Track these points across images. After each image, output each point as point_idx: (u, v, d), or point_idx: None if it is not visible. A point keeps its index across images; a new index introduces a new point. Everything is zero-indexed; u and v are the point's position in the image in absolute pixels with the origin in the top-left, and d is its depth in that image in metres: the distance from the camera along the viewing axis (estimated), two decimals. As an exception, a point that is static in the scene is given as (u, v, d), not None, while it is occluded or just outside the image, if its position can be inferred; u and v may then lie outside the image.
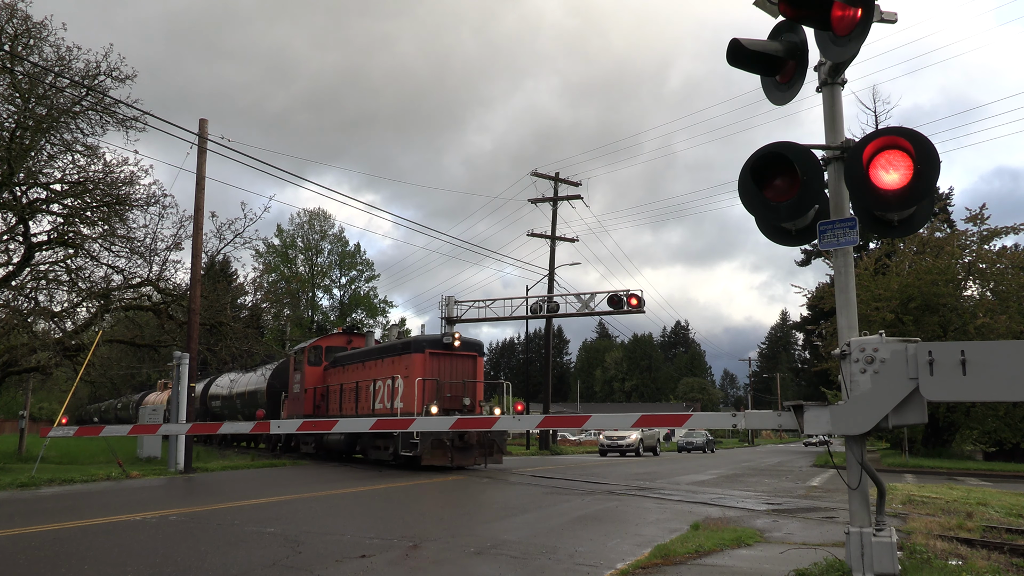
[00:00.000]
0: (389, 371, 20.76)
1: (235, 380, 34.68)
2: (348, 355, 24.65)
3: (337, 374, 24.80)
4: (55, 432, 9.75)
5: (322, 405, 25.39)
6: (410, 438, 18.68)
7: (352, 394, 22.88)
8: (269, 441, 31.64)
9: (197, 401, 37.14)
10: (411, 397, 19.25)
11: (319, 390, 25.72)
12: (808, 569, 6.27)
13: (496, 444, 20.06)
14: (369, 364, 22.42)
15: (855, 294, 5.99)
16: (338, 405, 23.88)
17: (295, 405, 26.68)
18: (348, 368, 23.95)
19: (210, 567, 7.04)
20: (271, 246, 61.85)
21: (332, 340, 27.02)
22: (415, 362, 19.81)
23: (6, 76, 19.94)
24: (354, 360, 23.74)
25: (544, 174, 35.76)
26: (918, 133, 5.41)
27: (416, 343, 20.32)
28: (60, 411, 13.11)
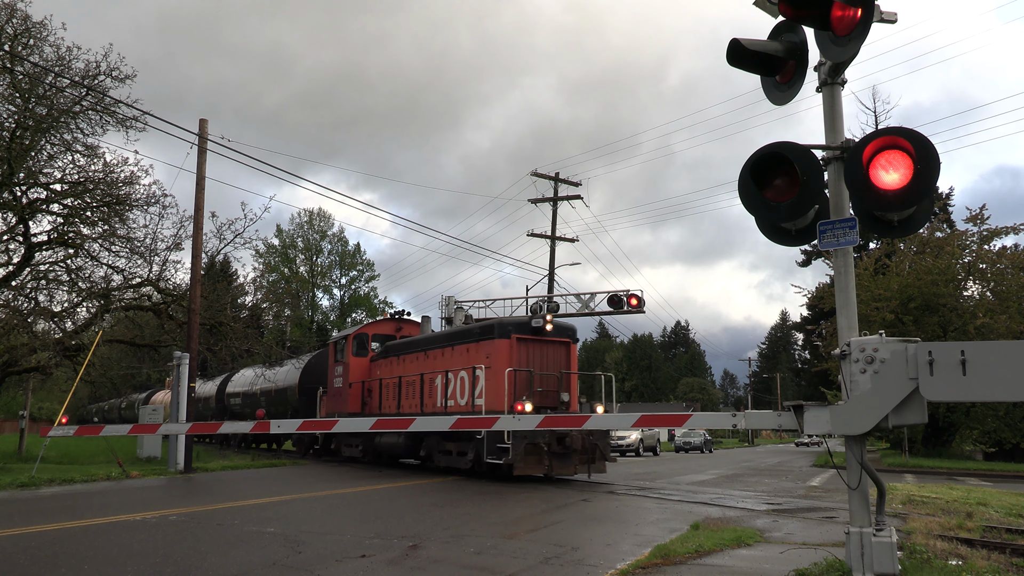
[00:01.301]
0: (464, 361, 17.65)
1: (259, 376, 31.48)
2: (405, 344, 21.34)
3: (389, 366, 21.46)
4: (55, 432, 9.75)
5: (371, 402, 22.11)
6: (499, 441, 15.42)
7: (414, 389, 19.74)
8: (300, 444, 28.14)
9: (213, 400, 36.12)
10: (497, 391, 16.14)
11: (366, 384, 22.38)
12: (808, 569, 6.27)
13: (599, 449, 16.49)
14: (434, 353, 19.25)
15: (855, 294, 5.99)
16: (394, 402, 20.66)
17: (336, 402, 23.33)
18: (405, 359, 20.70)
19: (210, 567, 7.04)
20: (271, 246, 61.89)
21: (379, 327, 23.59)
22: (500, 350, 16.60)
23: (6, 76, 19.93)
24: (413, 349, 20.46)
25: (544, 174, 35.77)
26: (918, 133, 5.41)
27: (501, 327, 16.88)
28: (60, 411, 13.10)
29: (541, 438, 15.42)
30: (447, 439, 17.99)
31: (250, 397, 32.59)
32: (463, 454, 17.25)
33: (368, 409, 22.02)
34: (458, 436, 17.38)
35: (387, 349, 21.99)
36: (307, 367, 27.56)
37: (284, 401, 28.91)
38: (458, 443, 17.61)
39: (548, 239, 36.00)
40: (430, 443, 18.80)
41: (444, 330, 20.73)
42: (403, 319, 23.97)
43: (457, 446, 17.62)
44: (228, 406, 34.99)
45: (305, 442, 27.50)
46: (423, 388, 19.09)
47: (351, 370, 22.76)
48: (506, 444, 15.24)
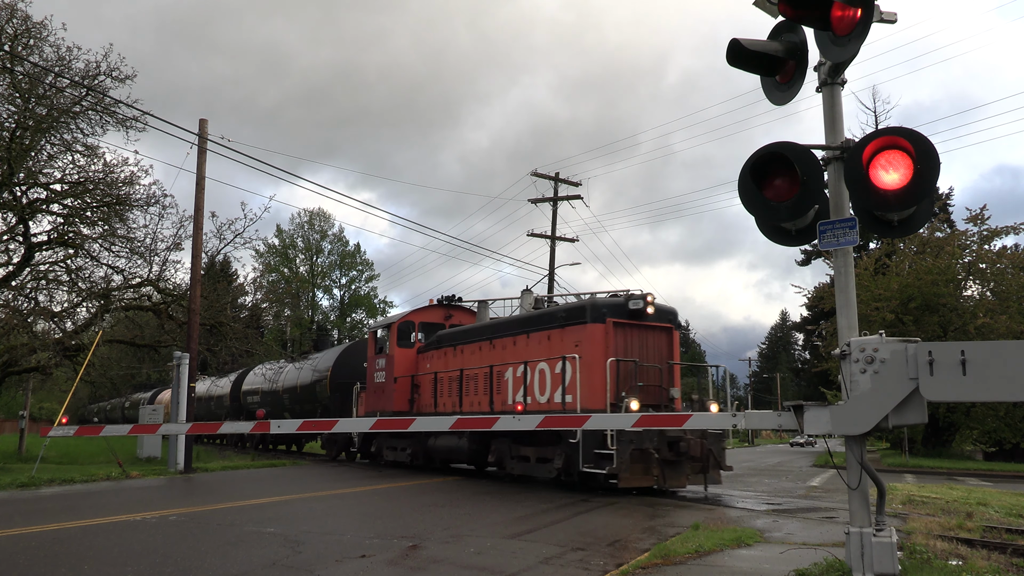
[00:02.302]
0: (545, 350, 14.94)
1: (281, 371, 29.30)
2: (463, 332, 18.49)
3: (443, 358, 18.76)
4: (55, 432, 9.74)
5: (420, 399, 19.42)
6: (598, 445, 12.85)
7: (479, 383, 16.81)
8: (331, 447, 25.34)
9: (228, 398, 34.00)
10: (593, 386, 13.50)
11: (414, 379, 19.75)
12: (808, 569, 6.27)
13: (713, 455, 13.57)
14: (504, 342, 16.51)
15: (855, 294, 5.99)
16: (452, 399, 17.76)
17: (378, 399, 20.56)
18: (463, 349, 17.98)
19: (210, 567, 7.04)
20: (271, 246, 61.91)
21: (426, 314, 20.70)
22: (593, 336, 13.85)
23: (6, 76, 19.94)
24: (475, 338, 17.73)
25: (544, 174, 35.77)
26: (918, 133, 5.41)
27: (594, 309, 14.06)
28: (60, 411, 13.11)
29: (649, 442, 12.74)
30: (522, 442, 15.32)
31: (270, 395, 29.92)
32: (545, 460, 14.61)
33: (417, 408, 19.42)
34: (539, 438, 14.76)
35: (440, 338, 19.17)
36: (339, 360, 24.73)
37: (311, 399, 26.03)
38: (538, 447, 14.89)
39: (548, 239, 36.01)
40: (500, 447, 16.06)
41: (517, 314, 17.49)
42: (453, 305, 20.96)
43: (537, 451, 14.93)
44: (245, 405, 32.48)
45: (338, 444, 24.73)
46: (492, 383, 16.23)
47: (396, 363, 20.05)
48: (608, 449, 12.54)
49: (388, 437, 20.82)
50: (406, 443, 19.82)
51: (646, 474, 12.79)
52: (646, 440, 12.74)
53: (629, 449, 12.59)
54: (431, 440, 18.42)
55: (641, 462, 12.74)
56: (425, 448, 18.88)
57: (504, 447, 15.97)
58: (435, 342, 19.42)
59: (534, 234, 36.09)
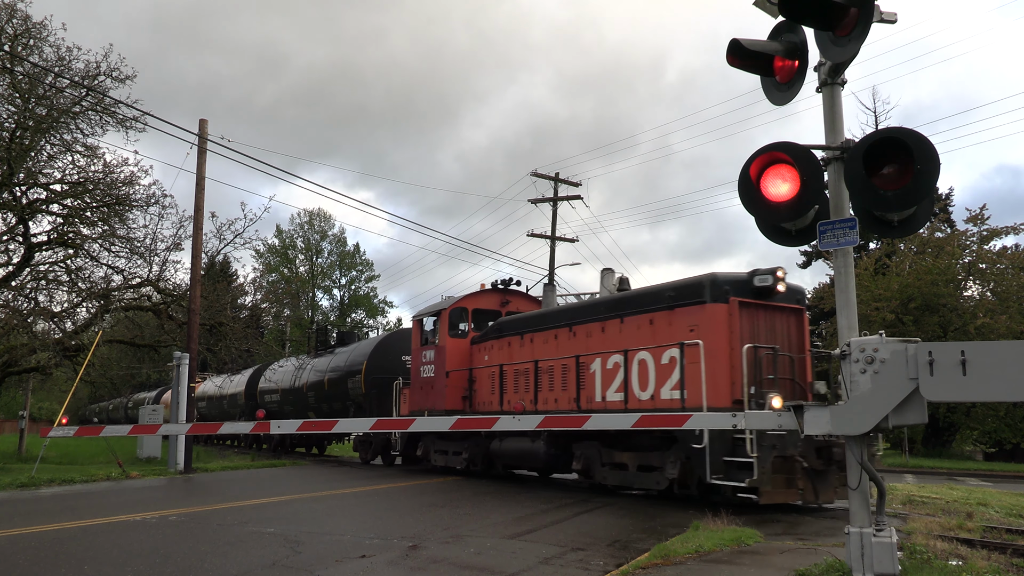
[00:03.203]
0: (647, 337, 12.47)
1: (303, 367, 26.96)
2: (532, 318, 16.01)
3: (504, 349, 16.33)
4: (55, 432, 9.75)
5: (478, 395, 17.02)
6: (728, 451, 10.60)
7: (556, 377, 14.39)
8: (365, 449, 22.71)
9: (242, 396, 31.71)
10: (716, 380, 11.15)
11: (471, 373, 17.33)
12: (808, 569, 6.27)
13: None
14: (589, 328, 13.92)
15: (855, 294, 5.99)
16: (521, 395, 15.38)
17: (425, 395, 18.18)
18: (534, 338, 15.41)
19: (210, 567, 7.04)
20: (271, 246, 61.91)
21: (479, 300, 18.33)
22: (715, 320, 11.43)
23: (6, 76, 19.95)
24: (548, 324, 15.18)
25: (544, 174, 35.77)
26: (918, 133, 5.41)
27: (715, 287, 11.56)
28: (60, 411, 13.12)
29: (793, 447, 10.37)
30: (615, 446, 12.91)
31: (292, 393, 27.27)
32: (649, 468, 12.27)
33: (475, 406, 17.05)
34: (639, 441, 12.45)
35: (501, 327, 16.83)
36: (376, 352, 22.23)
37: (342, 396, 23.52)
38: (638, 453, 12.49)
39: (548, 239, 36.01)
40: (587, 452, 13.52)
41: (604, 296, 14.85)
42: (510, 290, 18.64)
43: (636, 457, 12.50)
44: (261, 404, 30.15)
45: (373, 446, 22.18)
46: (579, 377, 13.69)
47: (448, 355, 17.61)
48: (747, 457, 10.12)
49: (437, 438, 18.30)
50: (462, 446, 17.27)
51: (789, 486, 10.43)
52: (789, 445, 10.36)
53: (771, 456, 10.24)
54: (495, 442, 15.88)
55: (784, 472, 10.39)
56: (487, 452, 16.43)
57: (592, 452, 13.41)
58: (495, 330, 16.96)
59: (534, 234, 36.09)
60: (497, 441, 15.83)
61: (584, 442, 13.66)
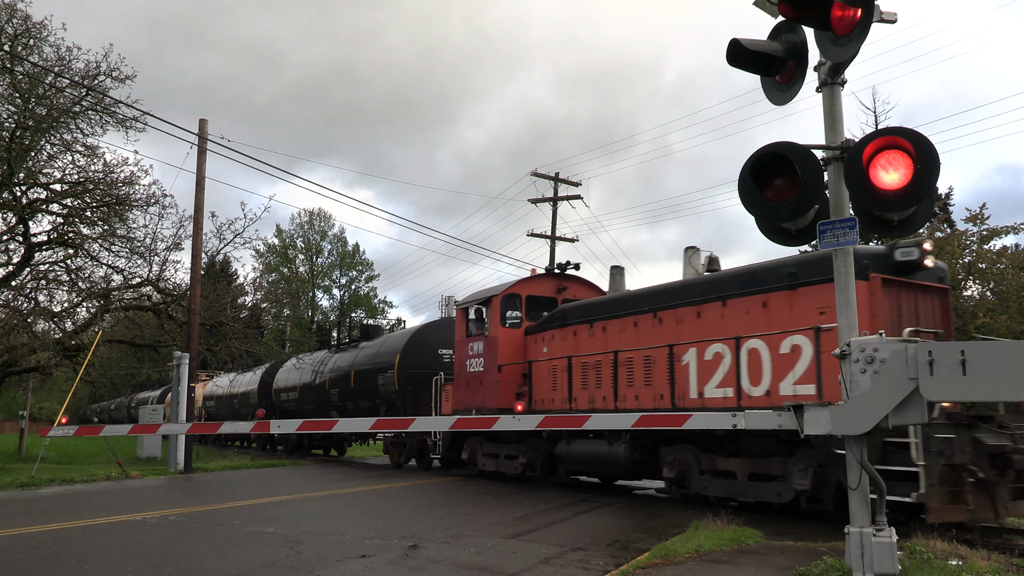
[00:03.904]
0: (761, 322, 10.62)
1: (324, 363, 25.08)
2: (604, 304, 14.15)
3: (568, 339, 14.48)
4: (55, 432, 9.76)
5: (537, 392, 15.08)
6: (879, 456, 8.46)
7: (638, 370, 12.42)
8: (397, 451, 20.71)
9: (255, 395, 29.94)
10: None
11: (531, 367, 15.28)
12: (808, 569, 6.28)
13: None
14: (679, 314, 12.06)
15: (855, 294, 5.99)
16: (594, 391, 13.34)
17: (474, 392, 16.33)
18: (607, 326, 13.54)
19: (210, 567, 7.04)
20: (271, 246, 61.92)
21: (533, 286, 16.52)
22: None
23: (6, 76, 19.96)
24: (625, 311, 13.25)
25: (544, 174, 35.75)
26: (918, 133, 5.41)
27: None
28: (60, 411, 13.14)
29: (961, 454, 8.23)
30: (718, 450, 10.99)
31: (313, 391, 25.28)
32: (766, 477, 10.21)
33: (534, 404, 15.10)
34: (750, 445, 10.60)
35: (564, 314, 14.90)
36: (410, 345, 20.45)
37: (371, 393, 21.61)
38: (749, 459, 10.43)
39: (548, 239, 36.00)
40: (681, 456, 11.53)
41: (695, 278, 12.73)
42: (567, 275, 16.94)
43: (747, 464, 10.44)
44: (278, 403, 28.33)
45: (407, 448, 20.21)
46: (672, 370, 11.71)
47: (500, 347, 15.78)
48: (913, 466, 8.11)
49: (485, 440, 16.35)
50: (517, 448, 15.18)
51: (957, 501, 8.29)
52: (957, 451, 8.20)
53: (939, 465, 8.10)
54: (562, 445, 13.83)
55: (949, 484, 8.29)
56: (548, 455, 14.48)
57: (687, 457, 11.41)
58: (558, 318, 15.05)
59: (534, 234, 36.08)
60: (564, 443, 13.83)
61: (676, 445, 11.73)
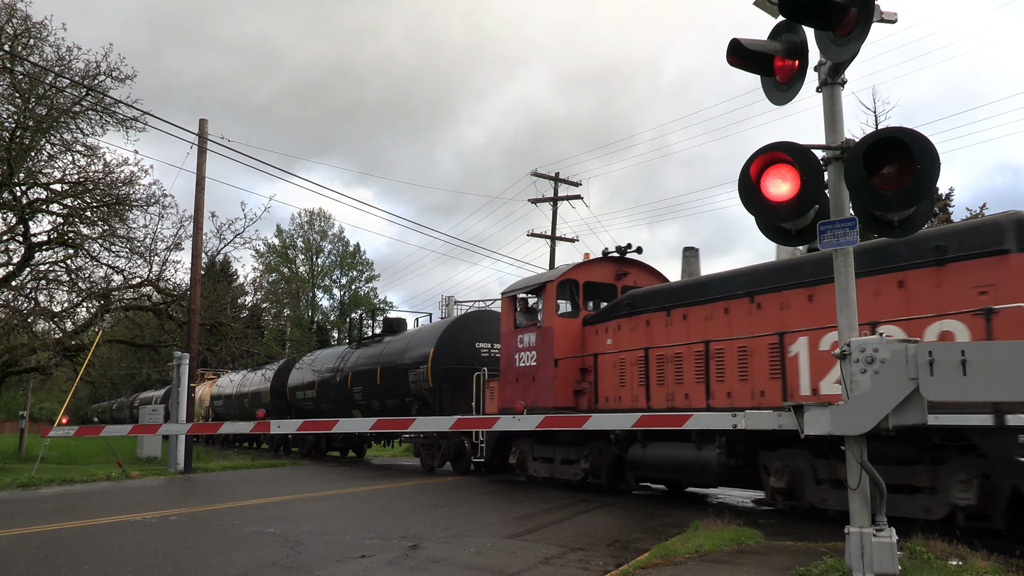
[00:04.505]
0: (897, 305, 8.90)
1: (345, 359, 23.60)
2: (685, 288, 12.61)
3: (640, 329, 12.87)
4: (55, 432, 9.77)
5: (603, 388, 13.44)
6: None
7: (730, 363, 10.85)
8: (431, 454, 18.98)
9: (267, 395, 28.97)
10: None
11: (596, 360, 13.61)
12: (808, 569, 6.27)
13: None
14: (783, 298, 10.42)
15: (855, 294, 5.99)
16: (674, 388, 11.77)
17: (525, 389, 14.73)
18: (688, 314, 11.97)
19: (210, 567, 7.04)
20: (271, 246, 61.94)
21: (590, 271, 14.88)
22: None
23: (6, 76, 19.96)
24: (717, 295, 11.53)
25: (544, 174, 35.76)
26: (918, 133, 5.41)
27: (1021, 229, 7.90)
28: (60, 411, 13.13)
29: None
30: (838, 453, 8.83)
31: (333, 389, 23.74)
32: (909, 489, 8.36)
33: (596, 401, 13.52)
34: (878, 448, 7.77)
35: (633, 300, 13.26)
36: (445, 338, 18.75)
37: (400, 390, 20.00)
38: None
39: (548, 239, 36.00)
40: (792, 463, 9.74)
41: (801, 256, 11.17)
42: (627, 259, 15.14)
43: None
44: (294, 403, 26.99)
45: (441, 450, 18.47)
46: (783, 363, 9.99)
47: (557, 338, 14.14)
48: None
49: (536, 442, 14.68)
50: (577, 452, 13.60)
51: None
52: None
53: None
54: (635, 449, 12.24)
55: None
56: (615, 460, 12.93)
57: (799, 464, 9.63)
58: (624, 305, 13.38)
59: (534, 234, 36.08)
60: (638, 447, 12.16)
61: (782, 450, 9.94)
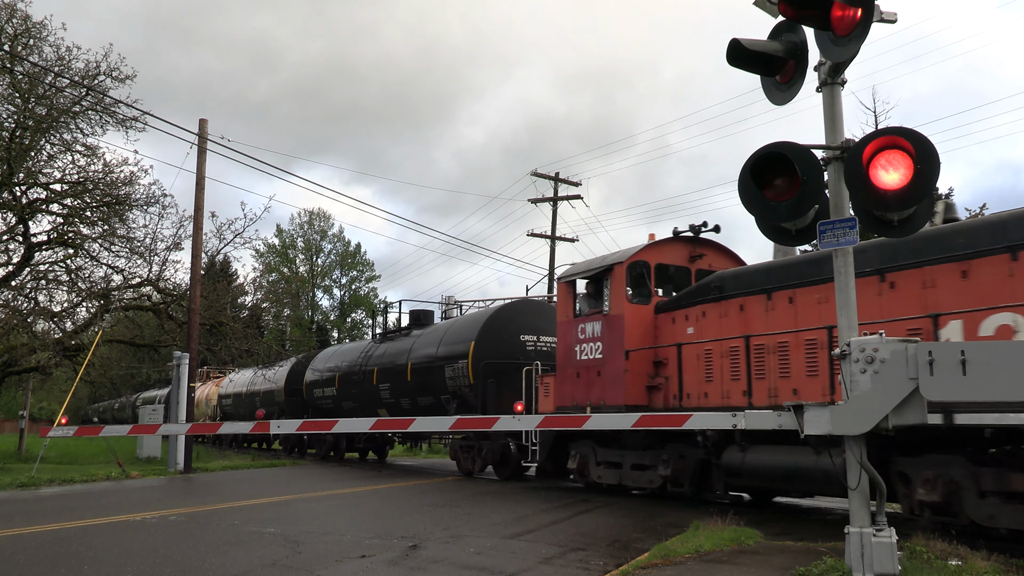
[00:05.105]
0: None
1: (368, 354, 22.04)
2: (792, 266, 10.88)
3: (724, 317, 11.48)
4: (55, 432, 9.76)
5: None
6: None
7: None
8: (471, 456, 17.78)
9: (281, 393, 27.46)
10: None
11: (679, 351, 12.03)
12: (808, 569, 6.28)
13: None
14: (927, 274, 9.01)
15: (855, 294, 5.98)
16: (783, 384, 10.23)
17: (588, 386, 13.33)
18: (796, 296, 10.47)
19: (210, 567, 7.04)
20: (271, 246, 61.93)
21: (662, 253, 13.47)
22: None
23: (6, 76, 19.96)
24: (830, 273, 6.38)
25: (544, 174, 35.76)
26: (918, 133, 5.41)
27: None
28: (60, 411, 13.11)
29: None
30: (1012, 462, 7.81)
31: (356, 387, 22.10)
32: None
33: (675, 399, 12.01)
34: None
35: (722, 282, 11.73)
36: (486, 330, 17.18)
37: (435, 387, 18.39)
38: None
39: (548, 239, 36.00)
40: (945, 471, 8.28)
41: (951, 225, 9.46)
42: (702, 239, 13.82)
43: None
44: (310, 401, 25.33)
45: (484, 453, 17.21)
46: None
47: (628, 328, 12.70)
48: None
49: (599, 445, 13.31)
50: (654, 456, 12.22)
51: None
52: None
53: None
54: (733, 453, 10.65)
55: None
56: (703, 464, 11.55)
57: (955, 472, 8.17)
58: (711, 288, 11.87)
59: (534, 234, 36.08)
60: (736, 451, 10.59)
61: (928, 456, 8.51)
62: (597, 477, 13.33)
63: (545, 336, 17.41)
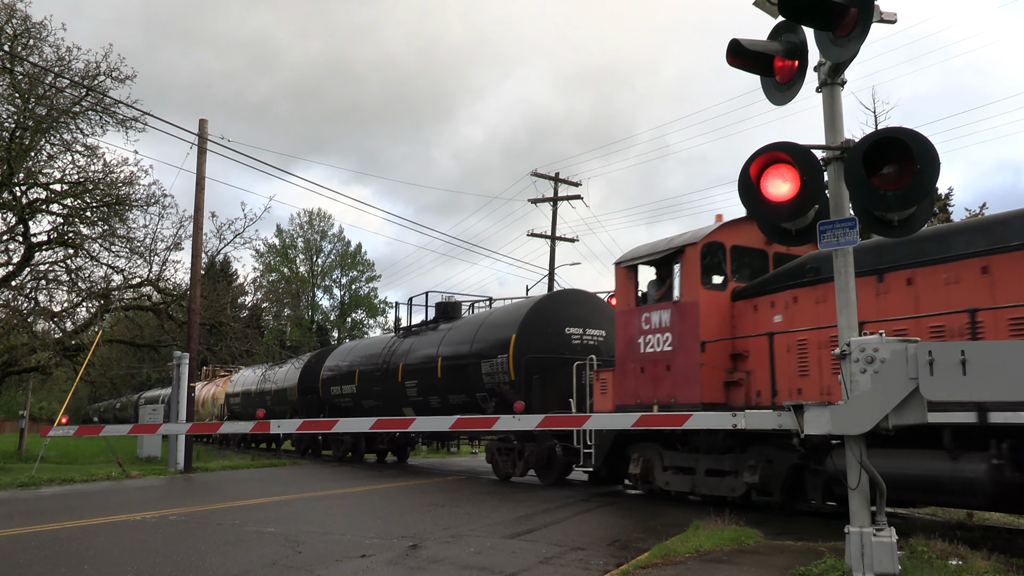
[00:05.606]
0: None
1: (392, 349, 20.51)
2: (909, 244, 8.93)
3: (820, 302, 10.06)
4: (55, 432, 9.76)
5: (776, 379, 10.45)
6: None
7: None
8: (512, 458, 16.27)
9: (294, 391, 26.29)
10: None
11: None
12: (808, 569, 6.28)
13: None
14: None
15: (855, 294, 5.98)
16: None
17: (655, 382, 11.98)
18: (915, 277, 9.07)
19: (210, 567, 7.05)
20: (271, 246, 61.94)
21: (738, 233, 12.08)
22: None
23: (6, 76, 19.97)
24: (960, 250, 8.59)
25: (544, 174, 35.77)
26: (918, 133, 5.41)
27: None
28: (60, 411, 13.09)
29: None
30: None
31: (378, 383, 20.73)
32: None
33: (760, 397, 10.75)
34: None
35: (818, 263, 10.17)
36: (528, 322, 15.95)
37: (470, 384, 17.07)
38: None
39: (548, 239, 36.00)
40: None
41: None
42: None
43: None
44: (327, 399, 24.00)
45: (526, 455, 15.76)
46: None
47: (703, 316, 11.40)
48: None
49: (664, 447, 12.15)
50: (734, 460, 10.97)
51: None
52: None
53: None
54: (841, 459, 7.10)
55: None
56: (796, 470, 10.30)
57: None
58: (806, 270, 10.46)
59: (534, 234, 36.09)
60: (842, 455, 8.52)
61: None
62: (664, 484, 12.09)
63: (592, 329, 16.20)
